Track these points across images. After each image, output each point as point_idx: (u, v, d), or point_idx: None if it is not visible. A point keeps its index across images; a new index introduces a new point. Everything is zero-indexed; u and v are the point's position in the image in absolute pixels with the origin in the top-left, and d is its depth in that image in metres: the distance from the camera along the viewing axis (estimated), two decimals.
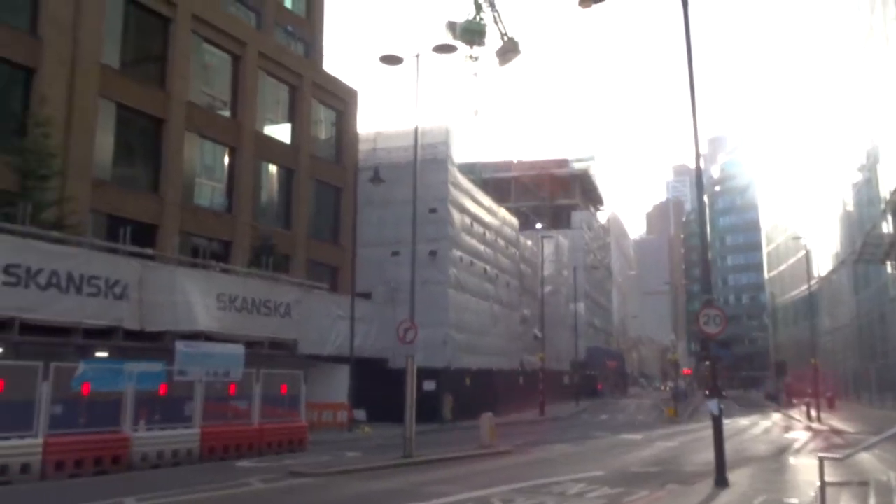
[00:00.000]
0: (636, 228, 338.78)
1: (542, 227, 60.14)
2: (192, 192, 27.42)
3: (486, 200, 40.64)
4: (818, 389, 39.31)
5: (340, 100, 35.54)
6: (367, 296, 33.09)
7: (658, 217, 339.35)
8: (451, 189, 34.13)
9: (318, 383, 27.48)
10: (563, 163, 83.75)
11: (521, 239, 49.44)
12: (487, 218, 40.05)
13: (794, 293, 74.60)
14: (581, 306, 65.12)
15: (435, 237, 33.13)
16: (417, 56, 19.22)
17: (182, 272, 22.61)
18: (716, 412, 13.04)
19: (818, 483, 13.47)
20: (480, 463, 17.42)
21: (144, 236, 24.06)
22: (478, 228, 38.09)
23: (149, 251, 22.55)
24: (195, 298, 22.40)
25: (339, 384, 28.42)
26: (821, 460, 6.54)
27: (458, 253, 34.55)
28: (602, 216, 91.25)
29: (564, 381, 53.62)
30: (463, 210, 35.80)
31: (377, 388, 29.22)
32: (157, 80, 26.32)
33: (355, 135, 36.31)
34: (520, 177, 78.07)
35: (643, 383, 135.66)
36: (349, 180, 34.44)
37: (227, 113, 29.50)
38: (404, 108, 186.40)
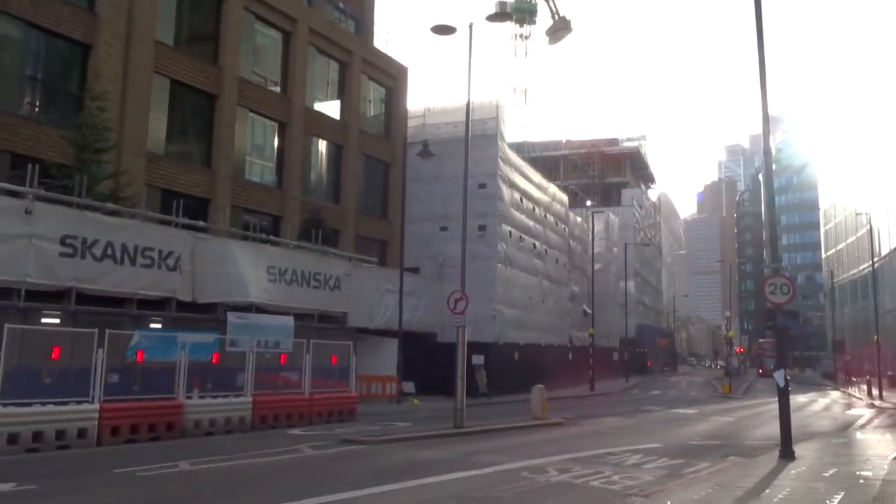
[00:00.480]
0: (687, 208, 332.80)
1: (592, 205, 59.17)
2: (243, 167, 27.60)
3: (536, 176, 40.08)
4: (882, 368, 37.92)
5: (390, 76, 35.30)
6: (415, 270, 33.00)
7: (709, 196, 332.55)
8: (501, 164, 33.69)
9: (368, 356, 27.57)
10: (614, 142, 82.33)
11: (571, 215, 48.74)
12: (537, 194, 39.52)
13: (852, 272, 72.21)
14: (631, 284, 64.06)
15: (484, 212, 32.79)
16: (471, 25, 18.80)
17: (233, 244, 22.79)
18: (782, 383, 12.52)
19: (891, 456, 12.92)
20: (532, 434, 17.18)
21: (197, 210, 24.34)
22: (527, 204, 37.60)
23: (201, 224, 22.77)
24: (246, 270, 22.56)
25: (388, 357, 28.45)
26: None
27: (507, 228, 34.17)
28: (653, 195, 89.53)
29: (614, 357, 52.97)
30: (512, 186, 35.35)
31: (426, 361, 29.18)
32: (209, 57, 26.46)
33: (405, 111, 36.06)
34: (569, 155, 76.95)
35: (692, 362, 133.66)
36: (398, 156, 34.28)
37: (277, 89, 29.54)
38: (453, 85, 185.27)
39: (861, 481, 10.02)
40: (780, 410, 12.58)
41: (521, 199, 36.54)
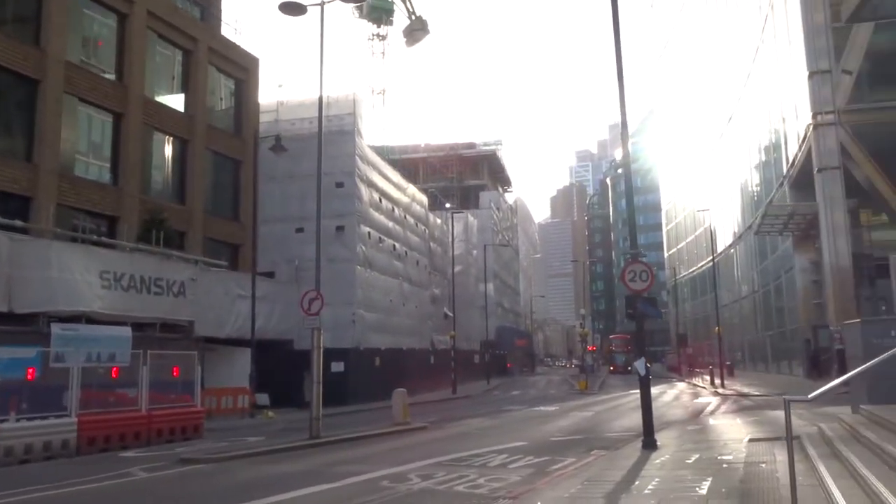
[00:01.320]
0: (541, 212, 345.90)
1: (451, 207, 59.37)
2: (72, 163, 24.80)
3: (395, 176, 39.36)
4: (722, 358, 40.35)
5: (240, 67, 33.31)
6: (269, 274, 31.33)
7: (562, 201, 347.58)
8: (359, 162, 32.65)
9: (218, 367, 25.69)
10: (472, 145, 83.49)
11: (431, 217, 48.48)
12: (396, 194, 38.80)
13: (692, 269, 77.33)
14: (490, 286, 64.96)
15: (342, 212, 31.65)
16: (322, 4, 17.70)
17: (58, 246, 20.37)
18: (643, 372, 12.41)
19: (746, 439, 13.18)
20: (395, 440, 16.32)
21: (16, 209, 21.58)
22: (386, 205, 36.78)
23: (18, 223, 20.15)
24: (74, 275, 20.24)
25: (240, 368, 26.68)
26: (786, 402, 5.74)
27: (366, 229, 33.15)
28: (510, 198, 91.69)
29: (475, 360, 53.29)
30: (371, 185, 34.39)
31: (282, 371, 27.68)
32: (30, 39, 23.61)
33: (256, 105, 34.16)
34: (428, 158, 77.18)
35: (549, 362, 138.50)
36: (250, 152, 32.31)
37: (112, 76, 26.92)
38: (309, 80, 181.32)
39: (725, 466, 9.94)
40: (642, 400, 12.48)
41: (381, 200, 35.66)
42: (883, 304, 29.57)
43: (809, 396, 6.08)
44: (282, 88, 58.70)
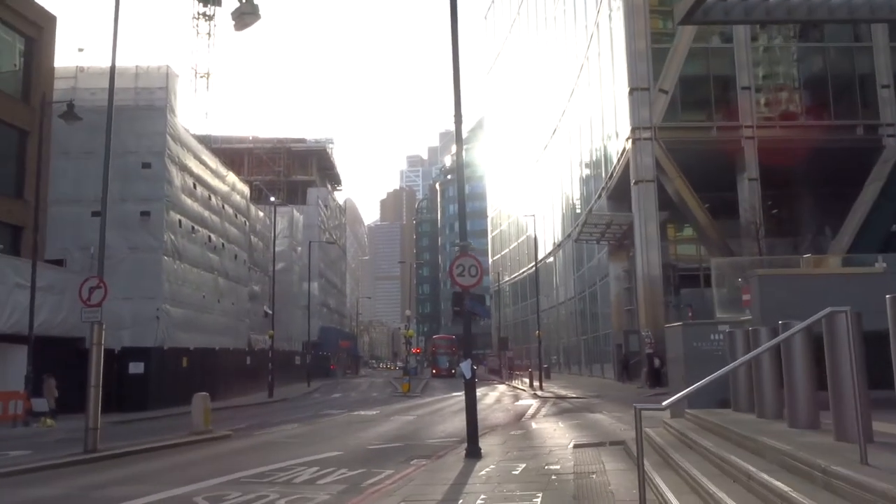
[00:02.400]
0: (371, 215, 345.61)
1: (277, 201, 56.55)
2: None
3: (213, 162, 36.28)
4: (542, 361, 41.24)
5: (32, 24, 28.98)
6: (59, 262, 27.51)
7: (392, 204, 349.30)
8: (171, 143, 29.52)
9: None
10: (302, 141, 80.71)
11: (253, 210, 45.65)
12: (214, 182, 35.79)
13: (514, 275, 79.75)
14: (315, 285, 62.80)
15: (148, 196, 28.46)
16: None
17: None
18: (468, 374, 11.44)
19: (571, 445, 12.64)
20: (191, 452, 14.25)
21: None
22: (202, 192, 33.75)
23: None
24: None
25: (15, 369, 23.00)
26: (637, 410, 4.81)
27: (176, 216, 30.05)
28: (339, 198, 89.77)
29: (296, 361, 50.92)
30: (184, 169, 31.28)
31: (69, 372, 24.13)
32: None
33: (51, 69, 29.91)
34: (255, 149, 73.51)
35: (374, 364, 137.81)
36: (38, 122, 28.20)
37: None
38: (121, 47, 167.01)
39: (554, 478, 9.14)
40: (467, 406, 11.52)
41: (195, 186, 32.61)
42: (689, 311, 31.32)
43: (664, 404, 5.23)
44: (83, 53, 52.62)
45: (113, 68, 16.24)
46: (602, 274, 47.09)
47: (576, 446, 12.17)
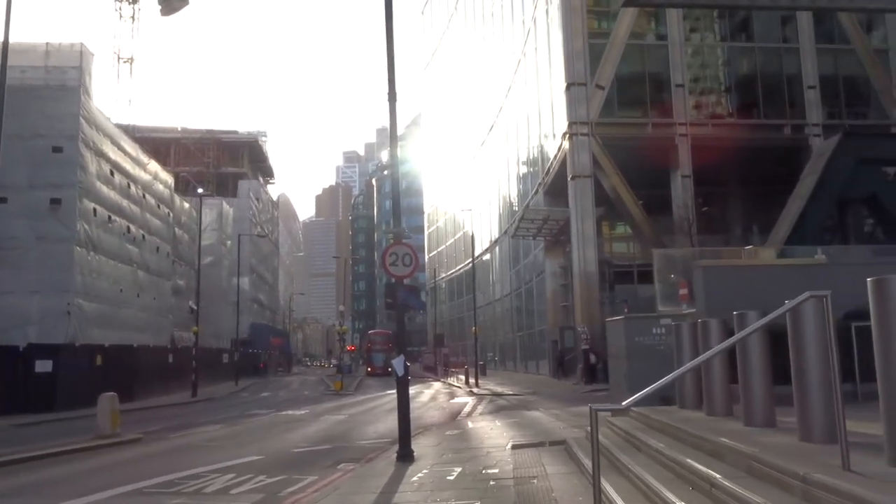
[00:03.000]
0: (305, 211, 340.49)
1: (204, 193, 54.34)
2: None
3: (133, 149, 34.23)
4: (477, 358, 40.69)
5: None
6: None
7: (327, 200, 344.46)
8: (85, 126, 27.55)
9: None
10: (233, 133, 78.17)
11: (178, 201, 43.60)
12: (134, 170, 33.78)
13: (451, 272, 79.22)
14: (246, 280, 60.82)
15: (59, 183, 26.49)
16: None
17: None
18: (401, 371, 10.58)
19: (509, 445, 11.93)
20: (93, 458, 12.93)
21: None
22: (121, 180, 31.77)
23: None
24: None
25: None
26: (593, 412, 4.07)
27: (90, 205, 28.09)
28: (273, 193, 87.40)
29: (223, 359, 48.98)
30: (101, 155, 29.31)
31: None
32: None
33: None
34: (182, 139, 70.70)
35: (307, 362, 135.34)
36: None
37: None
38: (31, 22, 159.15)
39: (492, 483, 8.38)
40: (399, 405, 10.67)
41: (113, 173, 30.63)
42: (625, 306, 31.24)
43: (623, 404, 4.49)
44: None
45: (6, 40, 14.72)
46: (538, 270, 46.91)
47: (514, 447, 11.47)
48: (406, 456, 10.46)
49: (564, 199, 38.99)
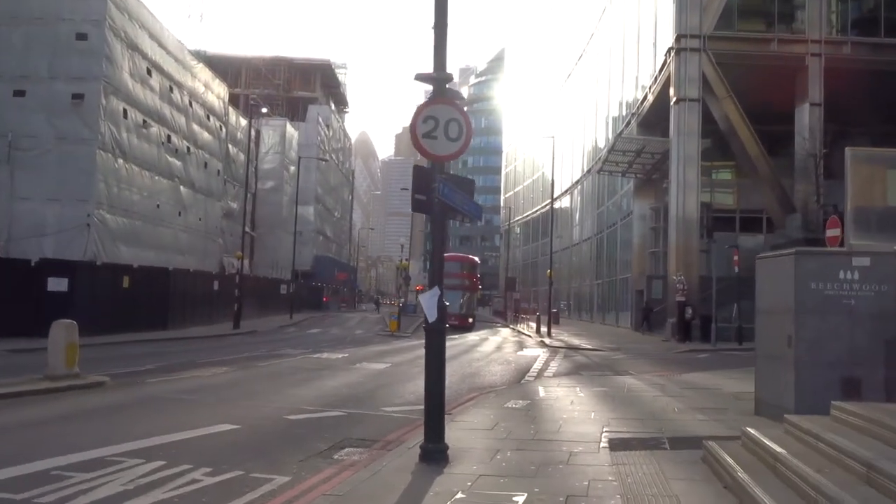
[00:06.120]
0: (385, 149, 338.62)
1: (269, 114, 51.01)
2: None
3: (180, 50, 30.41)
4: (550, 304, 36.34)
5: None
6: None
7: (407, 139, 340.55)
8: (114, 10, 23.85)
9: None
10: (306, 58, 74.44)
11: (234, 115, 40.20)
12: (179, 74, 30.10)
13: (526, 214, 74.39)
14: (310, 210, 57.80)
15: (82, 75, 23.07)
16: None
17: None
18: (433, 315, 6.33)
19: (603, 439, 7.64)
20: (9, 410, 9.36)
21: None
22: (162, 83, 28.22)
23: None
24: None
25: None
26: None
27: (119, 104, 24.57)
28: (353, 130, 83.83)
29: (281, 290, 46.19)
30: (134, 48, 25.65)
31: None
32: None
33: None
34: (252, 59, 67.40)
35: (378, 299, 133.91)
36: None
37: None
38: None
39: None
40: (427, 373, 6.47)
41: (150, 72, 27.02)
42: (734, 253, 26.12)
43: None
44: None
45: None
46: (624, 213, 41.81)
47: (613, 445, 7.17)
48: (433, 454, 6.33)
49: (660, 133, 33.64)
